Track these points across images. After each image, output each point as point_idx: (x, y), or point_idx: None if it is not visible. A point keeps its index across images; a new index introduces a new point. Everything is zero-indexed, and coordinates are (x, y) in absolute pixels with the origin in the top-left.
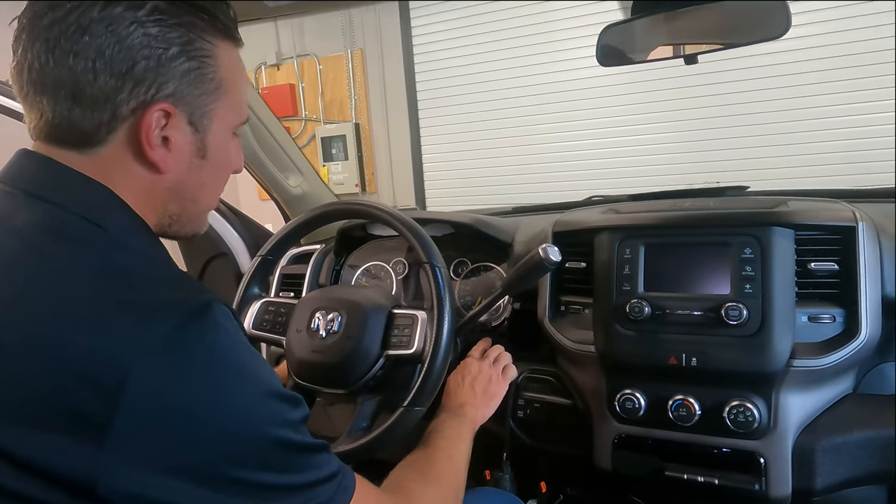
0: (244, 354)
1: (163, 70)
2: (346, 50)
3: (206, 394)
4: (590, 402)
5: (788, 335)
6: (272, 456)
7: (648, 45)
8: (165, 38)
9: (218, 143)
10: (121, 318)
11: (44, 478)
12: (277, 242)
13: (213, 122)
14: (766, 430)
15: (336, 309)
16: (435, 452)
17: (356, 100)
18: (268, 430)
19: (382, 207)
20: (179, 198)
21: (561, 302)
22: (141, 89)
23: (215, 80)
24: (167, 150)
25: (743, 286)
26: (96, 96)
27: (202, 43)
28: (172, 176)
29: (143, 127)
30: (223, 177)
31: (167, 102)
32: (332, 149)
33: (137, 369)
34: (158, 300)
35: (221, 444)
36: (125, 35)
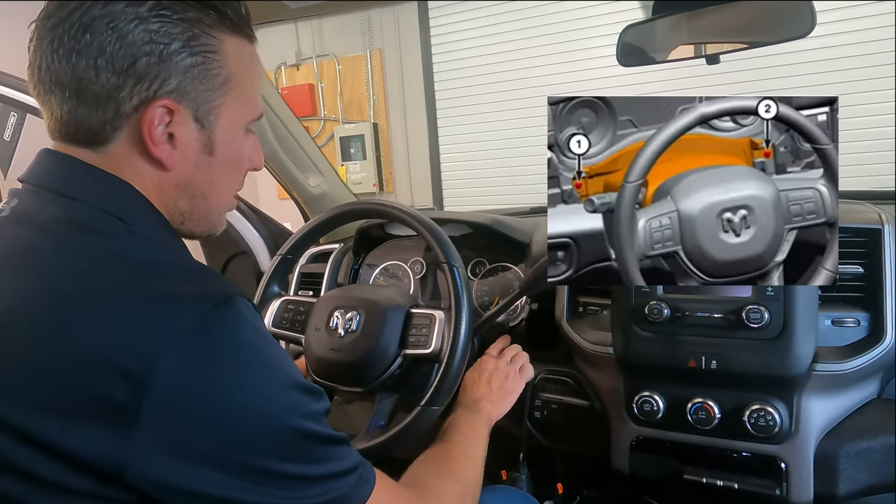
0: (268, 346)
1: (165, 66)
2: (364, 50)
3: (232, 384)
4: (607, 404)
5: (811, 339)
6: (294, 446)
7: (669, 44)
8: (167, 33)
9: (227, 140)
10: (148, 310)
11: (74, 465)
12: (297, 241)
13: (221, 117)
14: (787, 434)
15: (354, 308)
16: (452, 448)
17: (374, 100)
18: (291, 421)
19: (401, 207)
20: (189, 195)
21: (579, 303)
22: (143, 86)
23: (221, 76)
24: (172, 147)
25: (764, 289)
26: (99, 94)
27: (207, 38)
28: (179, 173)
29: (146, 123)
30: (236, 175)
31: (170, 98)
32: (351, 148)
33: (165, 360)
34: (184, 292)
35: (245, 433)
36: (126, 32)
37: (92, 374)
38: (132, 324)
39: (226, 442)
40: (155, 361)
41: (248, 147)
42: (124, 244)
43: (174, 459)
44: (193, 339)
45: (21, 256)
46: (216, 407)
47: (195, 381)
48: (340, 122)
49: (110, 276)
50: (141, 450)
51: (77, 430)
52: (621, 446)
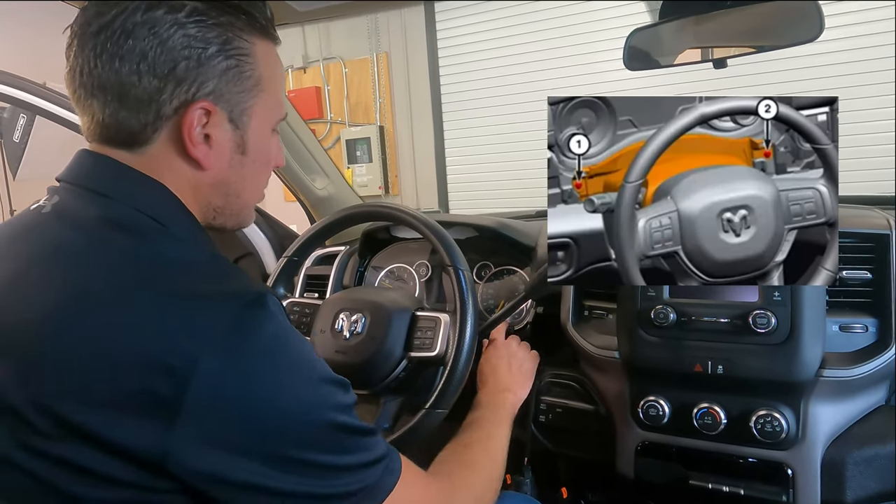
0: (298, 342)
1: (203, 69)
2: (371, 53)
3: (267, 378)
4: (613, 408)
5: (818, 344)
6: (325, 437)
7: (676, 48)
8: (204, 37)
9: (257, 139)
10: (187, 309)
11: (119, 455)
12: (303, 243)
13: (252, 118)
14: (794, 440)
15: (360, 310)
16: (476, 441)
17: (381, 103)
18: (322, 413)
19: (407, 210)
20: (222, 193)
21: (584, 306)
22: (182, 88)
23: (253, 78)
24: (209, 147)
25: (771, 293)
26: (141, 97)
27: (240, 42)
28: (215, 172)
29: (186, 125)
30: (265, 172)
31: (207, 100)
32: (357, 151)
33: (204, 355)
34: (219, 291)
35: (280, 425)
36: (166, 37)
37: (135, 369)
38: (173, 322)
39: (261, 433)
40: (195, 357)
41: (273, 146)
42: (161, 244)
43: (212, 450)
44: (230, 336)
45: (65, 254)
46: (253, 400)
47: (233, 375)
48: (347, 124)
49: (149, 274)
50: (182, 440)
51: (122, 423)
52: (626, 451)
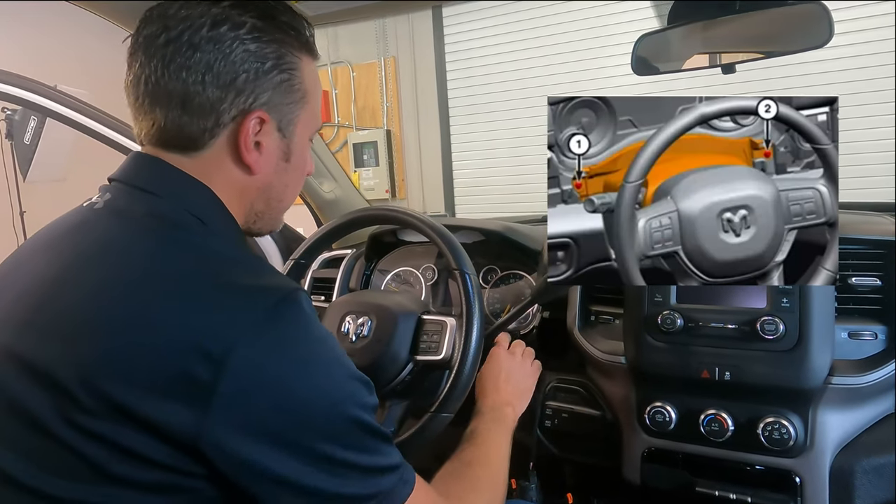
0: (328, 338)
1: (260, 82)
2: (379, 57)
3: (298, 369)
4: (619, 414)
5: (827, 351)
6: (348, 433)
7: (685, 54)
8: (262, 53)
9: (300, 148)
10: (227, 298)
11: (154, 434)
12: (310, 246)
13: (297, 128)
14: (802, 448)
15: (366, 313)
16: (478, 457)
17: (388, 107)
18: (349, 409)
19: (414, 213)
20: (266, 197)
21: (591, 311)
22: (241, 99)
23: (301, 91)
24: (259, 154)
25: (780, 300)
26: (203, 105)
27: (291, 57)
28: (262, 177)
29: (242, 132)
30: (301, 179)
31: (262, 110)
32: (364, 155)
33: (241, 342)
34: (257, 285)
35: (307, 415)
36: (229, 51)
37: (176, 353)
38: (213, 310)
39: (289, 421)
40: (232, 344)
41: (308, 154)
42: (204, 239)
43: (241, 434)
44: (266, 326)
45: (115, 245)
46: (282, 388)
47: (266, 363)
48: (354, 128)
49: (193, 265)
50: (214, 423)
51: (161, 404)
52: (633, 457)
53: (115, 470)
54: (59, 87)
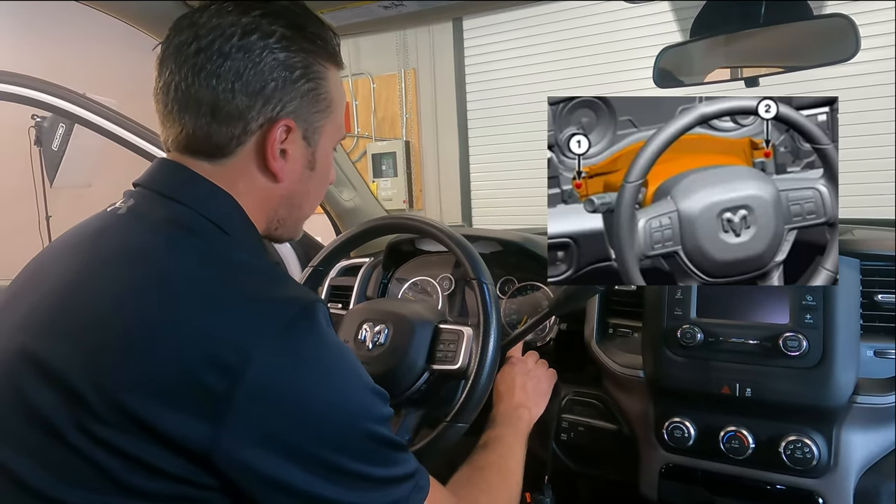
0: (345, 350)
1: (288, 90)
2: (399, 69)
3: (315, 382)
4: (636, 429)
5: (852, 369)
6: (363, 446)
7: (707, 67)
8: (291, 62)
9: (323, 157)
10: (245, 309)
11: (168, 446)
12: (329, 254)
13: (322, 137)
14: (825, 468)
15: (383, 321)
16: (494, 463)
17: (407, 118)
18: (364, 423)
19: (433, 223)
20: (288, 204)
21: (609, 324)
22: (269, 107)
23: (326, 100)
24: (285, 162)
25: (803, 316)
26: (232, 113)
27: (318, 67)
28: (286, 185)
29: (270, 140)
30: (324, 187)
31: (289, 119)
32: (383, 165)
33: (258, 354)
34: (275, 296)
35: (323, 428)
36: (259, 60)
37: (191, 362)
38: (230, 319)
39: (305, 434)
40: (249, 355)
41: (332, 165)
42: (224, 249)
43: (255, 446)
44: (283, 337)
45: (135, 250)
46: (298, 400)
47: (283, 374)
48: (373, 139)
49: (212, 273)
50: (229, 435)
51: (175, 414)
52: (650, 473)
53: (126, 479)
54: (88, 94)
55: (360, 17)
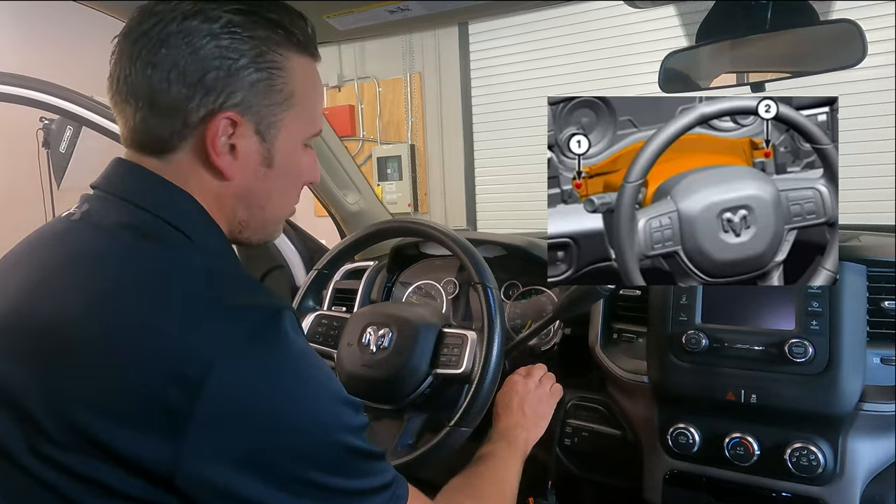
0: (314, 359)
1: (232, 80)
2: (405, 73)
3: (281, 394)
4: (641, 434)
5: (858, 376)
6: (337, 459)
7: (713, 72)
8: (237, 49)
9: (285, 153)
10: (206, 318)
11: (126, 466)
12: (333, 257)
13: (281, 132)
14: (831, 476)
15: (387, 325)
16: (485, 474)
17: (412, 122)
18: (334, 434)
19: (437, 227)
20: (246, 205)
21: (613, 329)
22: (210, 98)
23: (284, 92)
24: (233, 158)
25: (809, 322)
26: (169, 105)
27: (273, 55)
28: (238, 183)
29: (210, 134)
30: (294, 186)
31: (234, 111)
32: (388, 169)
33: (220, 365)
34: (240, 303)
35: (292, 442)
36: (199, 47)
37: (149, 376)
38: (188, 329)
39: (272, 448)
40: (209, 366)
41: (305, 161)
42: (184, 254)
43: (219, 463)
44: (247, 347)
45: (87, 259)
46: (265, 415)
47: (247, 388)
48: (378, 142)
49: (171, 283)
50: (191, 452)
51: (133, 434)
52: (654, 479)
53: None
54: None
55: (366, 22)
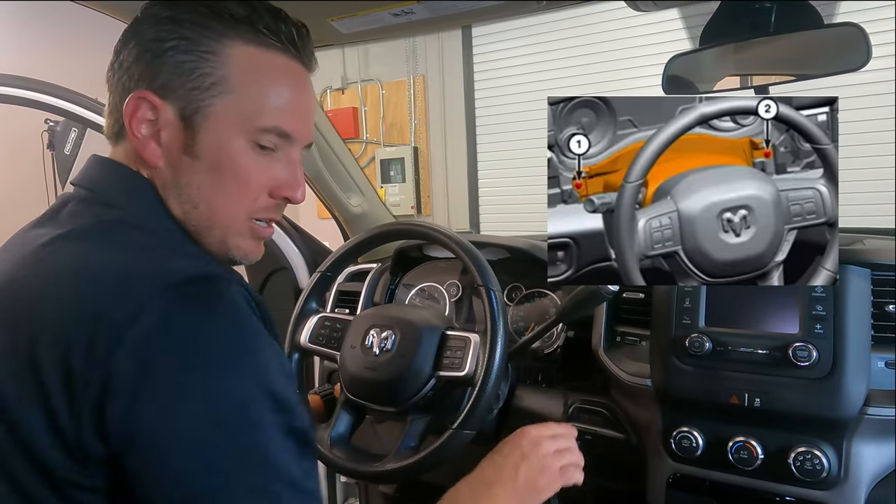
0: (253, 336)
1: (156, 62)
2: (408, 76)
3: (204, 365)
4: (644, 438)
5: (863, 380)
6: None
7: (717, 75)
8: (170, 31)
9: (214, 143)
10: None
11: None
12: (336, 259)
13: (209, 119)
14: (835, 480)
15: (390, 327)
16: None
17: (416, 124)
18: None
19: (441, 229)
20: (177, 198)
21: (616, 332)
22: (133, 79)
23: (213, 77)
24: (157, 144)
25: (813, 326)
26: (113, 88)
27: (207, 42)
28: (164, 171)
29: (126, 115)
30: (238, 189)
31: (150, 91)
32: (391, 171)
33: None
34: (172, 266)
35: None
36: (141, 33)
37: (65, 347)
38: (104, 293)
39: (180, 420)
40: (120, 333)
41: (260, 165)
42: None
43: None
44: (166, 314)
45: (36, 244)
46: (179, 384)
47: (158, 351)
48: (382, 145)
49: (100, 254)
50: (104, 419)
51: (47, 401)
52: (657, 483)
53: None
54: (100, 99)
55: (370, 25)
